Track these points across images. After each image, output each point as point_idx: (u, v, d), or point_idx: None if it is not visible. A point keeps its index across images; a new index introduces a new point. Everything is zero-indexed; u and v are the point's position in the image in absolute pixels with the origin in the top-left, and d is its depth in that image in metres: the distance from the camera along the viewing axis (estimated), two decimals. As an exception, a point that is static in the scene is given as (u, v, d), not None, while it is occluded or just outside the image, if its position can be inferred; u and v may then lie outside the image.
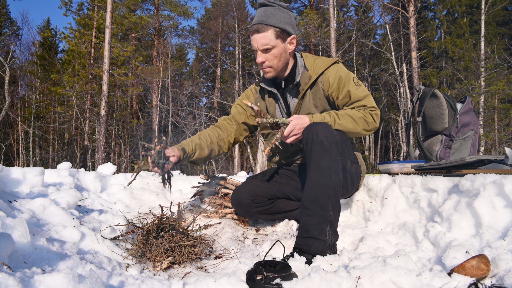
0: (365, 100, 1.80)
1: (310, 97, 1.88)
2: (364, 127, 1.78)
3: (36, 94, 19.39)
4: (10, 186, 1.67)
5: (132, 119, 18.88)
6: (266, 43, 1.72)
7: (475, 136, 2.49)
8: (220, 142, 2.01)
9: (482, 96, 12.64)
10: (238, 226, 2.06)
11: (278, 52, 1.75)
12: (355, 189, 2.02)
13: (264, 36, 1.71)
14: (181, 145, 1.84)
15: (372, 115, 1.79)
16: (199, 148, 1.90)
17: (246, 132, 2.14)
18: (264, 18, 1.71)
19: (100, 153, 9.90)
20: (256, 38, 1.73)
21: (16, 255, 0.96)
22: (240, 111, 2.08)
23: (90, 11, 16.74)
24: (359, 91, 1.80)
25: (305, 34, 14.75)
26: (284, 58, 1.79)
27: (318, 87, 1.86)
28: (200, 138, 1.94)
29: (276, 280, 1.16)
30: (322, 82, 1.85)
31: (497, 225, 1.36)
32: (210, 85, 25.95)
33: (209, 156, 1.96)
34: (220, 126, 2.06)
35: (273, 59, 1.76)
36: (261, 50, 1.75)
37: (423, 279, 1.13)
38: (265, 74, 1.84)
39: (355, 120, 1.76)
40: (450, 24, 17.07)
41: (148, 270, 1.36)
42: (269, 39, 1.71)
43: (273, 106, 1.99)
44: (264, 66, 1.79)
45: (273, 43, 1.72)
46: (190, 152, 1.85)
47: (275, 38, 1.72)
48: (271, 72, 1.82)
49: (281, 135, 1.65)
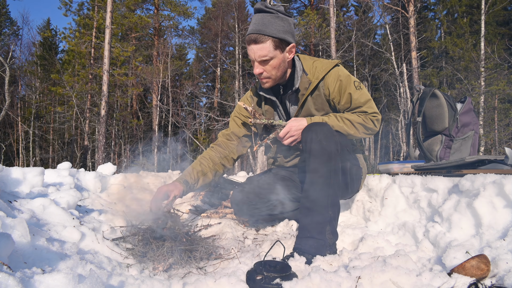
0: (366, 106, 1.77)
1: (311, 102, 1.81)
2: (363, 131, 1.79)
3: (36, 94, 19.40)
4: (10, 186, 1.67)
5: (132, 119, 18.88)
6: (264, 54, 1.61)
7: (475, 136, 2.49)
8: (223, 161, 1.94)
9: (482, 96, 12.64)
10: (238, 226, 2.06)
11: (277, 63, 1.65)
12: (355, 191, 2.01)
13: (262, 48, 1.60)
14: (182, 177, 1.78)
15: (373, 121, 1.78)
16: (202, 175, 1.84)
17: (249, 143, 2.05)
18: (262, 27, 1.59)
19: (100, 153, 9.90)
20: (253, 49, 1.62)
21: (16, 255, 0.96)
22: (239, 124, 1.98)
23: (90, 11, 16.75)
24: (360, 96, 1.76)
25: (305, 34, 14.75)
26: (282, 68, 1.70)
27: (319, 92, 1.79)
28: (201, 164, 1.87)
29: (276, 280, 1.16)
30: (323, 87, 1.78)
31: (497, 225, 1.36)
32: (210, 85, 25.95)
33: (213, 179, 1.92)
34: (220, 144, 1.97)
35: (272, 70, 1.67)
36: (259, 61, 1.64)
37: (423, 279, 1.13)
38: (263, 85, 1.76)
39: (354, 125, 1.76)
40: (450, 24, 17.07)
41: (148, 270, 1.36)
42: (267, 50, 1.60)
43: (271, 113, 1.90)
44: (262, 77, 1.70)
45: (272, 54, 1.62)
46: (192, 182, 1.80)
47: (274, 49, 1.61)
48: (269, 83, 1.73)
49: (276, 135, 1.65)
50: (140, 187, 2.55)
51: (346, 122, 1.75)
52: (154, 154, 14.85)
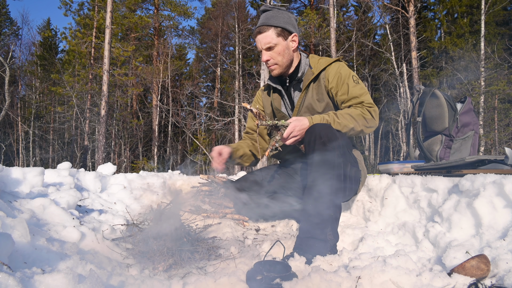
0: (362, 97, 1.83)
1: (313, 92, 1.94)
2: (364, 124, 1.79)
3: (36, 94, 19.40)
4: (10, 186, 1.66)
5: (132, 119, 18.87)
6: (268, 41, 1.84)
7: (475, 136, 2.49)
8: (251, 148, 2.21)
9: (482, 96, 12.63)
10: (238, 226, 2.06)
11: (281, 49, 1.86)
12: (353, 193, 2.00)
13: (265, 36, 1.84)
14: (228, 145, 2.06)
15: (370, 112, 1.81)
16: (240, 148, 2.14)
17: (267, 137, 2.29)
18: (265, 20, 1.85)
19: (100, 153, 9.90)
20: (259, 38, 1.87)
21: (16, 255, 0.96)
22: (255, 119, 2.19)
23: (91, 11, 16.75)
24: (357, 88, 1.85)
25: (305, 34, 14.74)
26: (287, 55, 1.90)
27: (320, 83, 1.93)
28: (238, 143, 2.19)
29: (276, 280, 1.15)
30: (324, 78, 1.92)
31: (497, 225, 1.36)
32: (210, 85, 25.94)
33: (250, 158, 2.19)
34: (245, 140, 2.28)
35: (277, 56, 1.88)
36: (265, 49, 1.87)
37: (423, 279, 1.13)
38: (272, 72, 1.95)
39: (354, 118, 1.77)
40: (450, 24, 17.07)
41: (148, 270, 1.36)
42: (271, 37, 1.84)
43: (278, 100, 2.10)
44: (269, 64, 1.91)
45: (275, 41, 1.85)
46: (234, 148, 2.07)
47: (276, 36, 1.84)
48: (277, 69, 1.93)
49: (281, 137, 1.66)
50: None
51: (346, 117, 1.77)
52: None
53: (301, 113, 1.98)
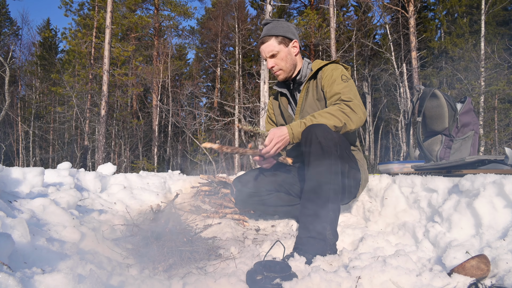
0: (342, 94, 1.82)
1: (313, 91, 2.01)
2: (344, 119, 1.74)
3: (36, 94, 19.40)
4: (10, 186, 1.67)
5: (132, 119, 18.86)
6: (271, 49, 1.98)
7: (475, 136, 2.49)
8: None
9: (482, 96, 12.62)
10: (238, 226, 2.06)
11: (283, 55, 1.99)
12: (352, 197, 1.99)
13: (268, 45, 1.98)
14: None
15: (348, 105, 1.77)
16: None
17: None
18: (267, 31, 2.00)
19: (100, 153, 9.90)
20: (263, 48, 2.01)
21: (16, 255, 0.96)
22: (271, 123, 2.36)
23: (91, 11, 16.75)
24: (341, 86, 1.86)
25: (305, 34, 14.74)
26: (290, 60, 2.01)
27: (318, 83, 2.00)
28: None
29: (276, 280, 1.15)
30: (321, 79, 1.98)
31: (497, 225, 1.36)
32: (210, 85, 25.94)
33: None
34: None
35: (281, 62, 2.00)
36: (269, 56, 2.00)
37: (423, 279, 1.13)
38: (278, 77, 2.07)
39: (333, 114, 1.73)
40: (450, 24, 17.07)
41: (148, 270, 1.36)
42: (273, 46, 1.97)
43: (285, 103, 2.22)
44: (274, 70, 2.03)
45: (277, 49, 1.98)
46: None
47: (278, 44, 1.97)
48: (282, 74, 2.04)
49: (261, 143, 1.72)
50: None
51: (324, 115, 1.73)
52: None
53: (303, 112, 2.02)
